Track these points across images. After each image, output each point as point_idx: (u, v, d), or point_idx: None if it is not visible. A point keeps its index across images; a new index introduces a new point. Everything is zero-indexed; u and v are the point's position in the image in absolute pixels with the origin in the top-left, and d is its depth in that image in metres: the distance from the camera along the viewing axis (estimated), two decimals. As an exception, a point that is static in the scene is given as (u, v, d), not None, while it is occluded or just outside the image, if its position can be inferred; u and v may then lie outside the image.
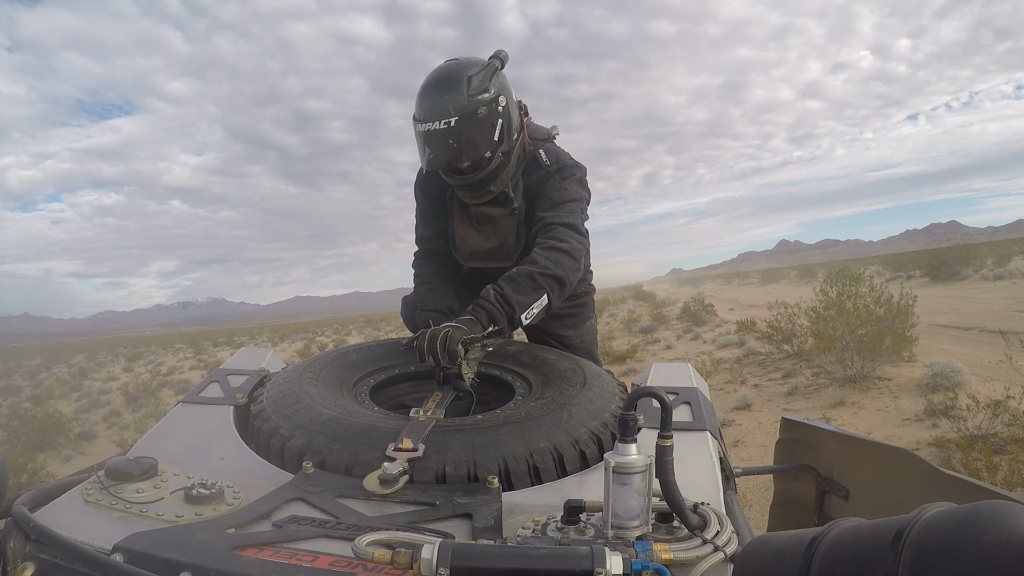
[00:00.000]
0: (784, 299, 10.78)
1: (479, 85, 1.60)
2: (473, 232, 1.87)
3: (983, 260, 23.41)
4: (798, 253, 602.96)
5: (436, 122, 1.58)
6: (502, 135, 1.67)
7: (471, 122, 1.59)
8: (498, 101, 1.64)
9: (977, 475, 3.52)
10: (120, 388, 15.71)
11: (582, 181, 1.82)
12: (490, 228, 1.85)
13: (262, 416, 1.38)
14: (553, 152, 1.83)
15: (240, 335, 48.06)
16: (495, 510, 1.03)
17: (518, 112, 1.77)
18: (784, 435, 1.98)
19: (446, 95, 1.58)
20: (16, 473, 6.28)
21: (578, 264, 1.65)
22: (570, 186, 1.77)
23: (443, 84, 1.60)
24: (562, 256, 1.61)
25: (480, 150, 1.65)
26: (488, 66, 1.64)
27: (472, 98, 1.58)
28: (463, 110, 1.57)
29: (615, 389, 1.57)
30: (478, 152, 1.65)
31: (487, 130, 1.63)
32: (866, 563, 0.55)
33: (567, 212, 1.72)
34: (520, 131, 1.77)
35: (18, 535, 0.91)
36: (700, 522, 0.91)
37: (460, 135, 1.60)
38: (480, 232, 1.87)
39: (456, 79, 1.60)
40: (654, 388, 0.92)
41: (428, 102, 1.61)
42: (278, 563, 0.84)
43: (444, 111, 1.57)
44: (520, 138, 1.77)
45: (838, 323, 7.69)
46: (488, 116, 1.62)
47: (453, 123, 1.57)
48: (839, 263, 30.58)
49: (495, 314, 1.41)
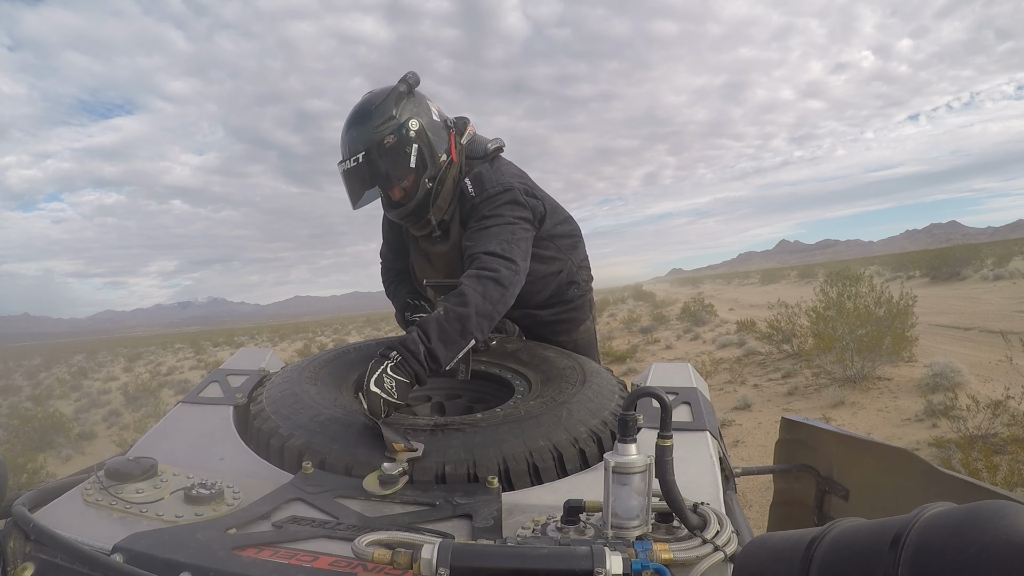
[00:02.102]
0: (784, 299, 10.78)
1: (383, 113, 1.55)
2: (427, 265, 1.86)
3: (983, 260, 23.41)
4: (798, 253, 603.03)
5: (348, 160, 1.56)
6: (420, 160, 1.61)
7: (380, 153, 1.55)
8: (408, 126, 1.58)
9: (977, 475, 3.52)
10: (120, 388, 15.71)
11: (513, 202, 1.69)
12: (438, 262, 1.83)
13: (262, 416, 1.38)
14: (480, 178, 1.70)
15: (240, 335, 48.05)
16: (495, 510, 1.03)
17: (445, 132, 1.69)
18: (784, 435, 1.98)
19: (354, 130, 1.56)
20: (16, 473, 6.28)
21: (507, 292, 1.52)
22: (495, 211, 1.66)
23: (352, 121, 1.58)
24: (490, 286, 1.48)
25: (396, 179, 1.61)
26: (392, 92, 1.58)
27: (377, 128, 1.54)
28: (369, 142, 1.54)
29: (615, 387, 1.56)
30: (393, 182, 1.62)
31: (400, 158, 1.58)
32: (866, 563, 0.55)
33: (489, 239, 1.60)
34: (449, 152, 1.68)
35: (18, 535, 0.91)
36: (700, 522, 0.91)
37: (373, 168, 1.57)
38: (432, 265, 1.85)
39: (364, 113, 1.57)
40: (654, 388, 0.92)
41: (342, 142, 1.60)
42: (278, 563, 0.84)
43: (354, 148, 1.56)
44: (450, 159, 1.69)
45: (838, 323, 7.68)
46: (398, 143, 1.56)
47: (362, 158, 1.55)
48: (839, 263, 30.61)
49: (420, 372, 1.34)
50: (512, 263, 1.55)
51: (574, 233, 2.01)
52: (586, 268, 2.09)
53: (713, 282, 72.10)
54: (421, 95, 1.67)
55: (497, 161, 1.79)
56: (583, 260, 2.05)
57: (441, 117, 1.71)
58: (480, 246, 1.58)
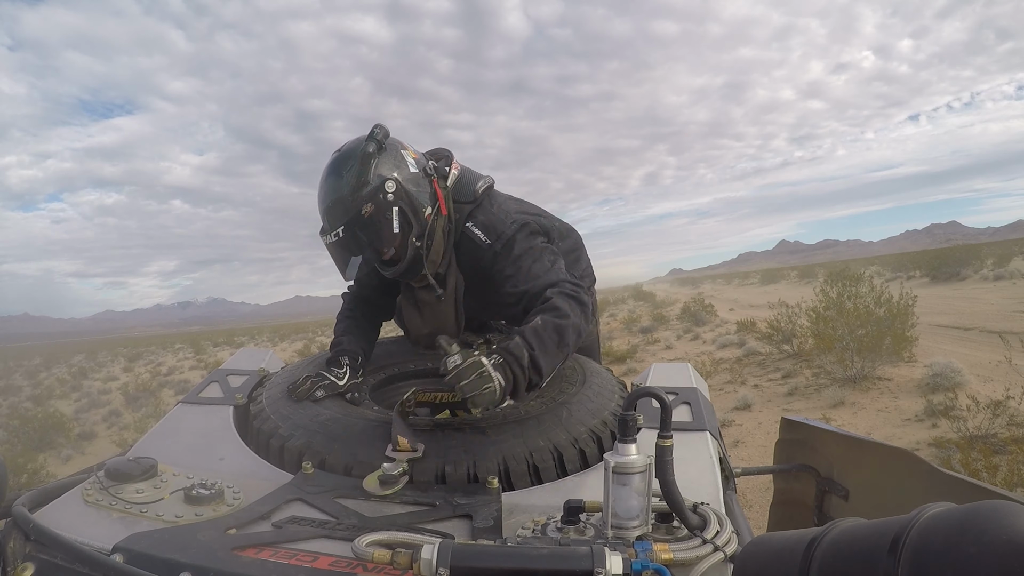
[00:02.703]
0: (784, 299, 10.78)
1: (356, 181, 1.44)
2: (416, 315, 1.73)
3: (983, 260, 23.42)
4: (798, 253, 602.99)
5: (329, 235, 1.48)
6: (403, 222, 1.49)
7: (360, 224, 1.45)
8: (384, 189, 1.46)
9: (977, 475, 3.52)
10: (120, 388, 15.71)
11: (532, 233, 1.62)
12: (428, 312, 1.71)
13: (262, 416, 1.38)
14: (490, 225, 1.60)
15: (240, 335, 48.06)
16: (495, 510, 1.03)
17: (427, 182, 1.56)
18: (784, 435, 1.98)
19: (330, 200, 1.47)
20: (16, 473, 6.28)
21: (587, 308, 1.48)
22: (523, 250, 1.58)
23: (325, 191, 1.49)
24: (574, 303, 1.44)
25: (384, 249, 1.51)
26: (361, 154, 1.45)
27: (351, 197, 1.43)
28: (346, 214, 1.44)
29: (614, 387, 1.56)
30: (378, 250, 1.51)
31: (382, 225, 1.47)
32: (866, 563, 0.55)
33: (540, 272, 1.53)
34: (435, 202, 1.56)
35: (18, 535, 0.91)
36: (700, 522, 0.91)
37: (355, 240, 1.47)
38: (421, 315, 1.73)
39: (335, 182, 1.47)
40: (654, 388, 0.92)
41: (320, 210, 1.51)
42: (278, 563, 0.84)
43: (332, 222, 1.47)
44: (437, 211, 1.57)
45: (838, 323, 7.69)
46: (377, 210, 1.45)
47: (342, 232, 1.45)
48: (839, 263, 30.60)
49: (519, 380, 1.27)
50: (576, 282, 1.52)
51: (576, 247, 1.95)
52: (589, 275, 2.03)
53: (713, 282, 72.13)
54: (394, 145, 1.53)
55: (492, 198, 1.68)
56: (585, 268, 1.99)
57: (419, 166, 1.56)
58: (538, 282, 1.51)
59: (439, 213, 1.57)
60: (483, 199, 1.65)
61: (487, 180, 1.69)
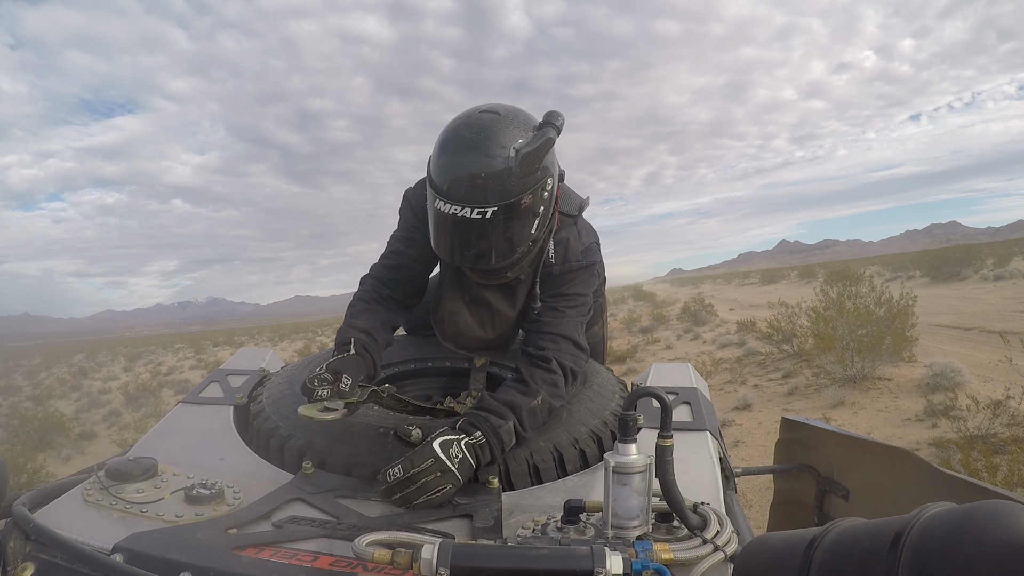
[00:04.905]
0: (784, 299, 10.78)
1: (529, 165, 1.22)
2: (464, 311, 1.56)
3: (983, 260, 23.40)
4: (798, 253, 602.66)
5: (466, 208, 1.22)
6: (540, 224, 1.33)
7: (512, 214, 1.25)
8: (545, 185, 1.28)
9: (977, 475, 3.52)
10: (120, 388, 15.70)
11: (593, 275, 1.53)
12: (485, 313, 1.55)
13: (262, 416, 1.38)
14: (565, 245, 1.48)
15: (240, 335, 48.05)
16: (495, 510, 1.03)
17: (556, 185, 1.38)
18: (784, 435, 1.98)
19: (483, 172, 1.21)
20: (16, 473, 6.28)
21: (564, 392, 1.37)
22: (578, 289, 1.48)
23: (480, 155, 1.22)
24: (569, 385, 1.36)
25: (516, 246, 1.32)
26: (542, 137, 1.23)
27: (519, 181, 1.22)
28: (505, 197, 1.22)
29: (615, 387, 1.56)
30: (513, 250, 1.32)
31: (528, 221, 1.29)
32: (866, 563, 0.55)
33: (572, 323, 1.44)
34: (555, 211, 1.41)
35: (18, 535, 0.91)
36: (700, 522, 0.91)
37: (495, 228, 1.26)
38: (472, 314, 1.56)
39: (498, 150, 1.22)
40: (654, 388, 0.92)
41: (457, 175, 1.23)
42: (278, 563, 0.84)
43: (479, 196, 1.22)
44: (554, 218, 1.42)
45: (838, 323, 7.68)
46: (532, 205, 1.27)
47: (490, 213, 1.22)
48: (839, 263, 30.59)
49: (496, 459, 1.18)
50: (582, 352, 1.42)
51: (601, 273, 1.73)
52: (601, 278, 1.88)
53: (713, 282, 72.09)
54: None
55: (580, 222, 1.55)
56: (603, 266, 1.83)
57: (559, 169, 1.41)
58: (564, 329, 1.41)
59: (552, 222, 1.42)
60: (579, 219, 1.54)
61: (587, 200, 1.56)
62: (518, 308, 1.54)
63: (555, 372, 1.31)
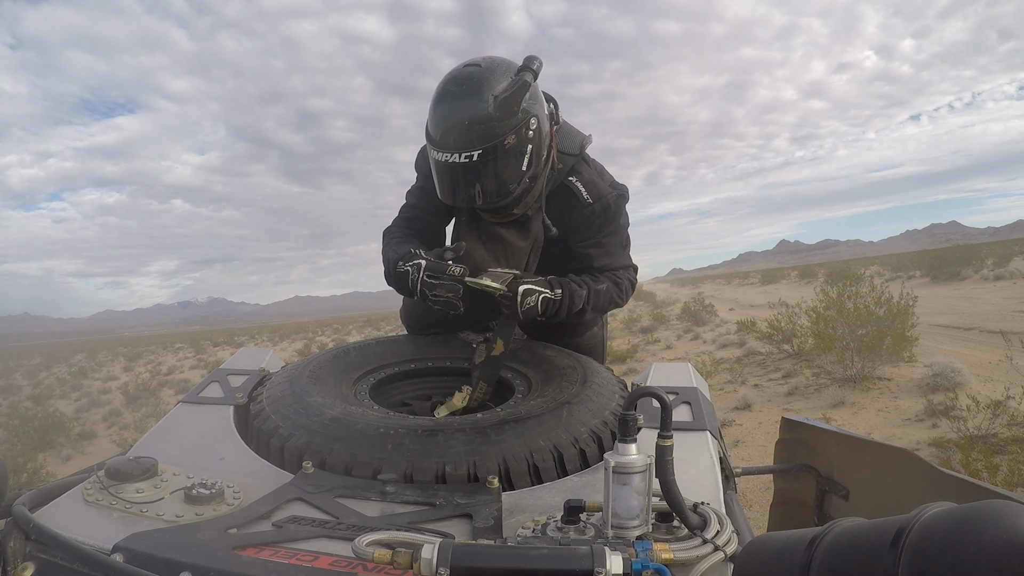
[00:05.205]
0: (784, 299, 10.79)
1: (508, 108, 1.35)
2: (480, 247, 1.66)
3: (983, 260, 23.41)
4: (798, 253, 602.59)
5: (455, 154, 1.36)
6: (531, 162, 1.44)
7: (498, 154, 1.37)
8: (528, 124, 1.40)
9: (977, 475, 3.52)
10: (120, 388, 15.71)
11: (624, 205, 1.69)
12: (499, 248, 1.66)
13: (262, 416, 1.38)
14: (590, 181, 1.61)
15: (240, 335, 48.04)
16: (495, 510, 1.03)
17: (548, 125, 1.50)
18: (784, 435, 1.98)
19: (467, 119, 1.35)
20: (16, 473, 6.29)
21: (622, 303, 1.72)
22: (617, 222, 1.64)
23: (464, 104, 1.36)
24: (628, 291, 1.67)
25: (507, 184, 1.44)
26: (518, 82, 1.37)
27: (499, 124, 1.35)
28: (488, 140, 1.35)
29: (615, 386, 1.56)
30: (504, 187, 1.45)
31: (515, 159, 1.41)
32: (866, 563, 0.55)
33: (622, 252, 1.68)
34: (550, 149, 1.52)
35: (18, 535, 0.91)
36: (700, 522, 0.91)
37: (484, 169, 1.39)
38: (488, 249, 1.66)
39: (479, 99, 1.35)
40: (654, 388, 0.92)
41: (445, 125, 1.38)
42: (278, 563, 0.84)
43: (466, 141, 1.35)
44: (550, 155, 1.53)
45: (838, 323, 7.69)
46: (517, 144, 1.39)
47: (476, 156, 1.36)
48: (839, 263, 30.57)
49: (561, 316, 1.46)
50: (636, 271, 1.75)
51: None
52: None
53: (713, 282, 72.07)
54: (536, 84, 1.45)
55: (589, 157, 1.68)
56: None
57: (548, 109, 1.51)
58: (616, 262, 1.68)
59: (549, 159, 1.55)
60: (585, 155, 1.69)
61: (589, 138, 1.69)
62: (530, 240, 1.69)
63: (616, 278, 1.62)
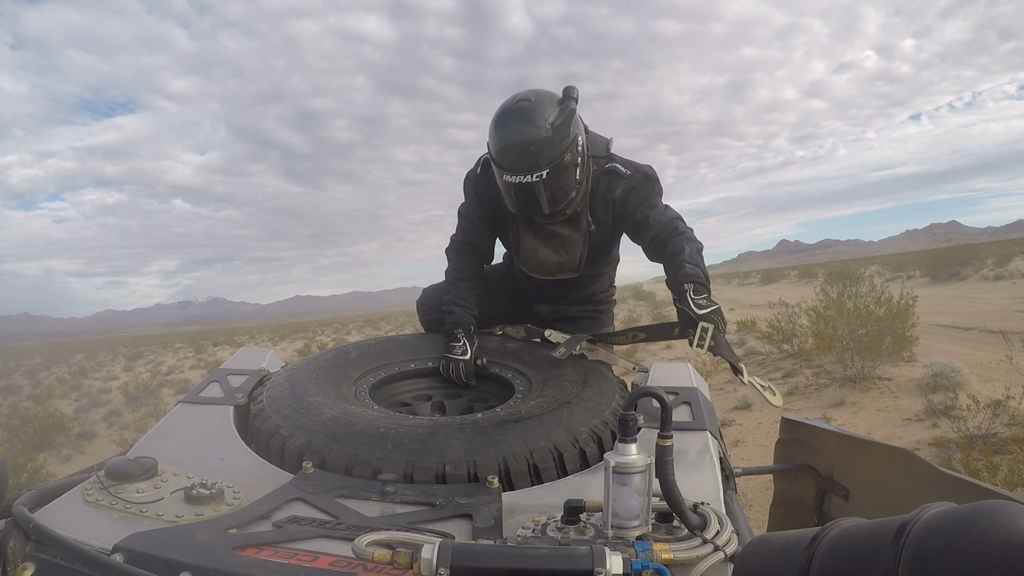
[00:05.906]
0: (784, 299, 10.78)
1: (562, 132, 1.62)
2: (541, 245, 1.90)
3: (983, 260, 23.38)
4: (798, 253, 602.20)
5: (527, 175, 1.63)
6: (582, 171, 1.74)
7: (559, 170, 1.65)
8: (577, 142, 1.68)
9: (977, 475, 3.52)
10: (120, 387, 15.69)
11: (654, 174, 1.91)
12: (558, 242, 1.90)
13: (262, 416, 1.38)
14: (624, 161, 1.87)
15: (240, 334, 48.03)
16: (495, 510, 1.03)
17: (585, 137, 1.78)
18: (784, 435, 1.98)
19: (532, 146, 1.61)
20: (16, 473, 6.28)
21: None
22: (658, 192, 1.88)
23: (526, 132, 1.61)
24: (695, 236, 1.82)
25: (568, 192, 1.72)
26: (566, 109, 1.64)
27: (557, 146, 1.62)
28: (552, 161, 1.62)
29: (615, 386, 1.57)
30: (566, 195, 1.73)
31: (571, 172, 1.69)
32: (866, 562, 0.55)
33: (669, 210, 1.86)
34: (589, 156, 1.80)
35: (18, 535, 0.91)
36: (700, 522, 0.91)
37: (550, 185, 1.66)
38: (548, 246, 1.90)
39: (536, 127, 1.61)
40: (654, 388, 0.92)
41: (514, 152, 1.63)
42: (278, 563, 0.84)
43: (533, 164, 1.62)
44: (589, 161, 1.81)
45: (838, 323, 7.68)
46: (571, 159, 1.67)
47: (545, 175, 1.63)
48: (839, 263, 30.54)
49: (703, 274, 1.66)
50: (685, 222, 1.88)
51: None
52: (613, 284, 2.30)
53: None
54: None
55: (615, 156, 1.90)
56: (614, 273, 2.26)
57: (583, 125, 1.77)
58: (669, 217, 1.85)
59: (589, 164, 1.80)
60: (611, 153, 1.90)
61: (611, 140, 1.92)
62: (581, 232, 1.90)
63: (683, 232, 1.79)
